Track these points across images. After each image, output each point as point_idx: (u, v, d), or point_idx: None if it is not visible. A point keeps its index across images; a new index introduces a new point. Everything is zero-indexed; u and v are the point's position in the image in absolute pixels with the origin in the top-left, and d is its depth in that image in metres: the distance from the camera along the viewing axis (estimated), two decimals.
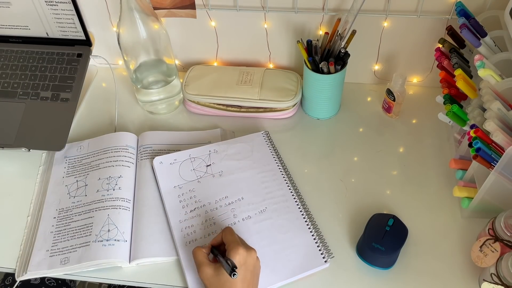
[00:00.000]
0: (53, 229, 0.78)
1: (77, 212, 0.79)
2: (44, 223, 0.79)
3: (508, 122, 0.67)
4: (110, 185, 0.82)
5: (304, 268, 0.73)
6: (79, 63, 0.95)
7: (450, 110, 0.75)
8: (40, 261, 0.74)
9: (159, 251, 0.75)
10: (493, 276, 0.65)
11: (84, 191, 0.82)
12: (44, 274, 0.74)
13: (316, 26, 0.93)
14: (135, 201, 0.81)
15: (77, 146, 0.90)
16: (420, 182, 0.84)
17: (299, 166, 0.87)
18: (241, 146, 0.88)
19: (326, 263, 0.73)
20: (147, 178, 0.84)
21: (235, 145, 0.88)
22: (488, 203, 0.73)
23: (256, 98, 0.93)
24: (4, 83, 0.94)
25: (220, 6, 0.92)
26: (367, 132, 0.93)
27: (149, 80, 0.95)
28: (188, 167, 0.84)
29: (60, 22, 0.93)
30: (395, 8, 0.88)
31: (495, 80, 0.70)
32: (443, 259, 0.74)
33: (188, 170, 0.84)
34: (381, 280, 0.72)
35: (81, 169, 0.86)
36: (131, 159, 0.87)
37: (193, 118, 0.97)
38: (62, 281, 0.95)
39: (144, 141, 0.90)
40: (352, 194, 0.83)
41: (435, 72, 0.96)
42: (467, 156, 0.79)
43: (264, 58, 1.01)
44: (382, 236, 0.72)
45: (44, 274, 0.73)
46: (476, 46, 0.76)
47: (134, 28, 0.85)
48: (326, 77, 0.88)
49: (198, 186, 0.82)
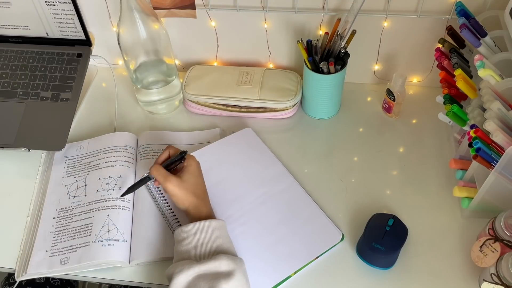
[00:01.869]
0: (53, 229, 0.78)
1: (77, 212, 0.79)
2: (44, 223, 0.79)
3: (508, 122, 0.67)
4: (109, 185, 0.82)
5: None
6: (79, 63, 0.95)
7: (450, 110, 0.75)
8: (40, 261, 0.74)
9: (159, 251, 0.75)
10: (493, 276, 0.65)
11: (84, 191, 0.82)
12: (43, 274, 0.74)
13: (316, 26, 0.93)
14: (135, 201, 0.81)
15: (77, 146, 0.90)
16: (420, 182, 0.84)
17: (299, 166, 0.87)
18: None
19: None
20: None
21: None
22: (488, 203, 0.73)
23: (256, 98, 0.93)
24: (4, 83, 0.94)
25: (220, 6, 0.92)
26: (367, 132, 0.93)
27: (149, 80, 0.95)
28: None
29: (60, 22, 0.93)
30: (395, 8, 0.88)
31: (495, 80, 0.70)
32: (443, 259, 0.74)
33: None
34: (381, 280, 0.72)
35: (80, 169, 0.86)
36: (130, 159, 0.87)
37: (193, 118, 0.97)
38: (66, 280, 0.95)
39: (143, 141, 0.90)
40: (352, 194, 0.83)
41: (435, 72, 0.96)
42: (467, 156, 0.79)
43: (264, 58, 1.01)
44: (382, 236, 0.72)
45: (44, 274, 0.73)
46: (476, 46, 0.76)
47: (134, 28, 0.85)
48: (326, 77, 0.88)
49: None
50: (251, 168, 0.84)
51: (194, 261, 0.65)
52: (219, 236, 0.69)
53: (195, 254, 0.67)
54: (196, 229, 0.68)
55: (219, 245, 0.68)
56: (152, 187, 0.79)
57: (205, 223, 0.69)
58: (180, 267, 0.64)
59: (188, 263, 0.64)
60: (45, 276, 0.75)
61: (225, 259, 0.65)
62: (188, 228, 0.69)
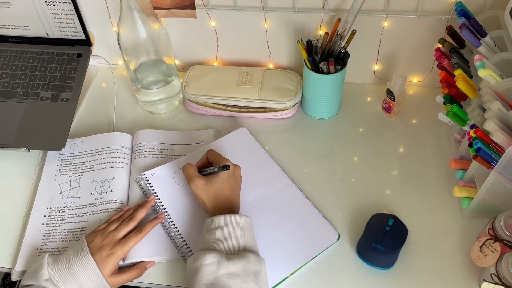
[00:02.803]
0: (43, 228, 0.78)
1: (70, 214, 0.79)
2: (33, 220, 0.79)
3: (508, 122, 0.67)
4: (103, 188, 0.82)
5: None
6: (79, 63, 0.95)
7: (450, 110, 0.75)
8: (28, 259, 0.74)
9: (153, 251, 0.75)
10: (493, 276, 0.65)
11: (77, 193, 0.82)
12: None
13: (316, 26, 0.93)
14: (129, 200, 0.81)
15: (70, 144, 0.89)
16: (420, 182, 0.84)
17: (299, 166, 0.87)
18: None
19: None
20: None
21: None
22: (488, 203, 0.73)
23: (256, 98, 0.93)
24: (4, 83, 0.94)
25: (220, 6, 0.92)
26: (367, 132, 0.93)
27: (149, 80, 0.95)
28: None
29: (60, 22, 0.92)
30: (395, 8, 0.88)
31: (495, 80, 0.70)
32: (443, 259, 0.74)
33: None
34: (381, 280, 0.72)
35: (74, 169, 0.86)
36: (124, 159, 0.87)
37: (193, 118, 0.97)
38: None
39: (138, 139, 0.90)
40: (352, 194, 0.83)
41: (435, 72, 0.96)
42: (467, 156, 0.79)
43: (264, 58, 1.01)
44: (382, 236, 0.72)
45: None
46: (476, 46, 0.76)
47: (134, 28, 0.85)
48: (326, 77, 0.88)
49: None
50: (247, 169, 0.83)
51: (223, 254, 0.65)
52: (248, 233, 0.70)
53: (224, 247, 0.67)
54: (228, 222, 0.69)
55: (247, 242, 0.69)
56: (166, 222, 0.78)
57: (238, 218, 0.70)
58: (210, 259, 0.64)
59: (217, 257, 0.65)
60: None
61: (252, 257, 0.66)
62: (220, 219, 0.69)
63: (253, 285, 0.63)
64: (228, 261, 0.64)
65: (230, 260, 0.64)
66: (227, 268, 0.64)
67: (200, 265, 0.64)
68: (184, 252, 0.74)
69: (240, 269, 0.64)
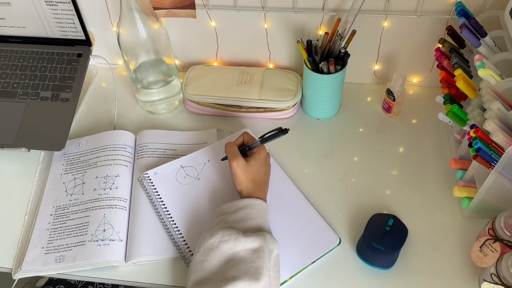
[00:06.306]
0: (50, 226, 0.78)
1: (73, 211, 0.79)
2: (40, 220, 0.79)
3: (508, 122, 0.67)
4: (107, 184, 0.82)
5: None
6: (79, 63, 0.95)
7: (450, 110, 0.75)
8: (35, 258, 0.74)
9: (155, 250, 0.75)
10: (493, 276, 0.65)
11: (81, 189, 0.82)
12: (38, 272, 0.73)
13: (316, 26, 0.93)
14: (132, 200, 0.81)
15: (76, 143, 0.90)
16: (420, 182, 0.84)
17: (299, 166, 0.87)
18: None
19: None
20: None
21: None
22: (488, 203, 0.73)
23: (256, 98, 0.93)
24: (4, 83, 0.94)
25: (220, 6, 0.92)
26: (367, 132, 0.93)
27: (149, 80, 0.95)
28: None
29: (60, 22, 0.92)
30: (395, 8, 0.88)
31: (495, 80, 0.70)
32: (443, 259, 0.74)
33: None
34: (381, 280, 0.72)
35: (79, 167, 0.86)
36: (129, 158, 0.87)
37: (193, 118, 0.97)
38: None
39: (141, 139, 0.90)
40: (352, 194, 0.83)
41: (435, 72, 0.96)
42: (467, 156, 0.79)
43: (264, 58, 1.01)
44: (382, 236, 0.72)
45: (39, 271, 0.73)
46: (476, 46, 0.76)
47: (134, 28, 0.85)
48: (326, 77, 0.88)
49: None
50: None
51: (240, 232, 0.67)
52: (264, 217, 0.72)
53: (241, 226, 0.69)
54: (245, 204, 0.71)
55: (263, 224, 0.71)
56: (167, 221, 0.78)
57: (254, 201, 0.72)
58: (227, 236, 0.66)
59: (235, 234, 0.67)
60: (40, 274, 0.74)
61: (269, 236, 0.68)
62: (237, 203, 0.72)
63: (267, 261, 0.65)
64: (245, 237, 0.66)
65: (248, 237, 0.66)
66: (244, 245, 0.66)
67: (219, 242, 0.66)
68: (184, 252, 0.74)
69: (257, 245, 0.66)
